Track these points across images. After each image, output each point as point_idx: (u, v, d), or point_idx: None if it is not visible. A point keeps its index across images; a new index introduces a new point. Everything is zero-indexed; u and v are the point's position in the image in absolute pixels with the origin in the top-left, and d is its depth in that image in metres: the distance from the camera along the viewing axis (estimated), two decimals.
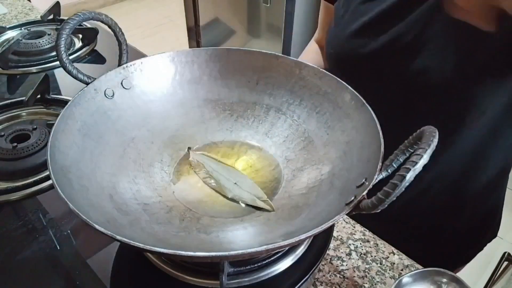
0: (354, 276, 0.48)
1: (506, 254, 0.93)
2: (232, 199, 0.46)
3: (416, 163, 0.29)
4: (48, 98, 0.69)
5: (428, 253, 0.59)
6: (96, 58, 0.88)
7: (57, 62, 0.81)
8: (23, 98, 0.66)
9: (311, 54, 0.77)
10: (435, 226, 0.66)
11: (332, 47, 0.62)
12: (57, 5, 1.00)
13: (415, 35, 0.51)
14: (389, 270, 0.49)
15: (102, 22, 0.48)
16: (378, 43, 0.54)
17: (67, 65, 0.45)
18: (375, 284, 0.47)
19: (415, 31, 0.51)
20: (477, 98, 0.50)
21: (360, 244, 0.52)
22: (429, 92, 0.53)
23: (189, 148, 0.52)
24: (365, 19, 0.56)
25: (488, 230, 0.69)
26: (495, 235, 0.70)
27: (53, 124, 0.41)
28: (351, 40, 0.58)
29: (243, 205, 0.46)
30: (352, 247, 0.51)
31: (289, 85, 0.53)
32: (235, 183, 0.48)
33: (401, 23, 0.52)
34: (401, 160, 0.35)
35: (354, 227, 0.54)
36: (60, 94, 0.72)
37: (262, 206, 0.45)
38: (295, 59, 0.52)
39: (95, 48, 0.90)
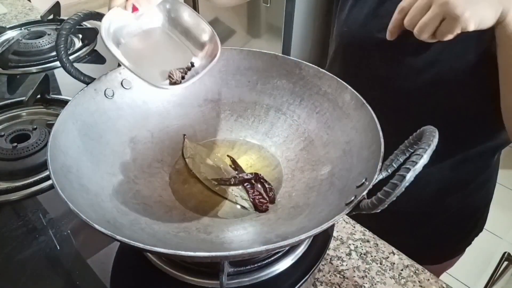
0: (354, 276, 0.48)
1: (506, 254, 0.93)
2: (216, 192, 0.47)
3: (416, 163, 0.29)
4: (48, 98, 0.69)
5: (415, 245, 0.59)
6: (96, 58, 0.88)
7: (57, 62, 0.81)
8: (23, 98, 0.66)
9: None
10: (423, 216, 0.66)
11: (347, 26, 0.60)
12: (57, 5, 1.00)
13: None
14: (389, 270, 0.49)
15: None
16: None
17: (67, 65, 0.45)
18: (375, 284, 0.47)
19: None
20: (487, 89, 0.50)
21: (360, 244, 0.52)
22: (435, 86, 0.53)
23: (184, 135, 0.52)
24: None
25: (477, 223, 0.69)
26: (481, 230, 0.71)
27: (53, 124, 0.41)
28: (369, 21, 0.56)
29: (246, 204, 0.46)
30: (352, 247, 0.51)
31: (289, 85, 0.53)
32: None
33: None
34: (401, 160, 0.36)
35: (354, 227, 0.54)
36: (60, 94, 0.72)
37: (243, 204, 0.46)
38: (295, 59, 0.52)
39: (95, 48, 0.90)
